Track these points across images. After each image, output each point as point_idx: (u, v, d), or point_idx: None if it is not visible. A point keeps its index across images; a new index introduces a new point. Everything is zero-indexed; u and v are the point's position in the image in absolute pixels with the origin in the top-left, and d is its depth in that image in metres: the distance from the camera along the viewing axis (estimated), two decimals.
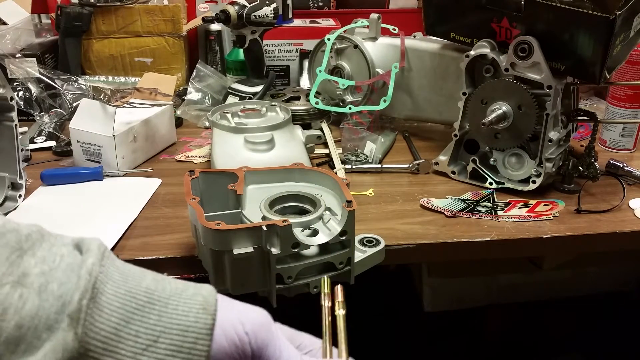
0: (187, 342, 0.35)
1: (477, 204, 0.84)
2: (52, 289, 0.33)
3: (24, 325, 0.32)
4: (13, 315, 0.32)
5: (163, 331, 0.35)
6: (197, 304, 0.36)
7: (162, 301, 0.36)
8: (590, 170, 0.86)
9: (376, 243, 0.69)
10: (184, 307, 0.36)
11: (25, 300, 0.33)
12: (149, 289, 0.36)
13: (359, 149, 0.99)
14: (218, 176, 0.71)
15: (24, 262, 0.34)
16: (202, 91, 1.20)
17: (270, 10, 1.11)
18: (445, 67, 1.01)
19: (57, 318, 0.33)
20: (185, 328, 0.35)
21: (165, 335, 0.35)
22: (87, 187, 0.89)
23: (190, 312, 0.36)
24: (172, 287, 0.37)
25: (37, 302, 0.33)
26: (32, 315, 0.32)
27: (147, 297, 0.36)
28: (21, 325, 0.32)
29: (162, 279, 0.38)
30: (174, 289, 0.37)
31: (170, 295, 0.37)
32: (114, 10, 1.24)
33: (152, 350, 0.35)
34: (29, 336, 0.32)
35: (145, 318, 0.35)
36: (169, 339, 0.35)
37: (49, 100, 1.15)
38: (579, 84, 0.89)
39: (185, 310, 0.36)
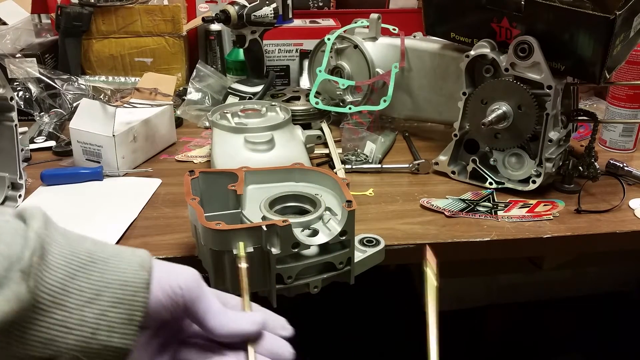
0: (127, 294, 0.39)
1: (477, 204, 0.84)
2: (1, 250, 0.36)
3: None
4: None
5: (105, 286, 0.39)
6: (135, 263, 0.40)
7: (103, 260, 0.40)
8: (590, 170, 0.86)
9: (376, 243, 0.69)
10: (123, 265, 0.40)
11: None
12: (89, 249, 0.40)
13: (359, 149, 0.99)
14: (218, 176, 0.71)
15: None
16: (202, 91, 1.20)
17: (270, 10, 1.11)
18: (445, 67, 1.01)
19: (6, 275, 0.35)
20: (124, 282, 0.39)
21: (107, 289, 0.39)
22: (87, 187, 0.89)
23: (128, 269, 0.40)
24: (111, 249, 0.41)
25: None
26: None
27: (89, 256, 0.40)
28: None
29: (101, 243, 0.42)
30: (113, 251, 0.41)
31: (110, 255, 0.40)
32: (114, 10, 1.24)
33: (96, 302, 0.38)
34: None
35: (88, 274, 0.39)
36: (110, 292, 0.39)
37: (49, 100, 1.15)
38: (579, 84, 0.89)
39: (124, 267, 0.40)
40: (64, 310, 0.37)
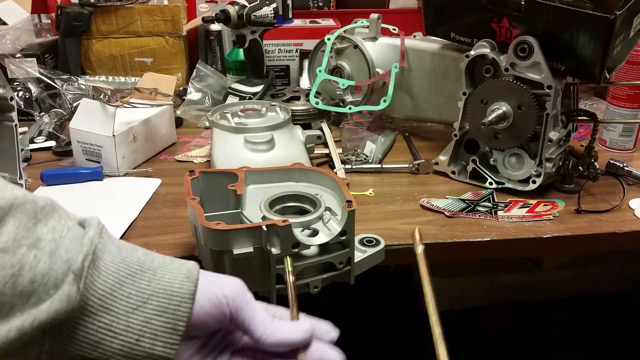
0: (172, 304, 0.41)
1: (477, 204, 0.84)
2: (60, 254, 0.39)
3: (36, 282, 0.37)
4: (28, 272, 0.37)
5: (152, 294, 0.40)
6: (182, 274, 0.42)
7: (151, 270, 0.41)
8: (590, 170, 0.86)
9: (376, 243, 0.69)
10: (170, 275, 0.42)
11: (38, 260, 0.38)
12: (140, 259, 0.42)
13: (359, 149, 0.99)
14: (218, 176, 0.71)
15: (38, 229, 0.39)
16: (202, 91, 1.20)
17: (270, 10, 1.11)
18: (445, 67, 1.01)
19: (63, 278, 0.38)
20: (170, 293, 0.41)
21: (154, 298, 0.40)
22: (87, 187, 0.89)
23: (175, 279, 0.41)
24: (160, 260, 0.43)
25: (48, 263, 0.38)
26: (43, 274, 0.37)
27: (139, 266, 0.41)
28: (34, 281, 0.37)
29: (151, 254, 0.43)
30: (162, 261, 0.43)
31: (159, 266, 0.42)
32: (114, 10, 1.24)
33: (142, 309, 0.40)
34: (39, 291, 0.37)
35: (136, 283, 0.40)
36: (156, 301, 0.40)
37: (49, 100, 1.15)
38: (579, 84, 0.89)
39: (171, 278, 0.41)
40: (112, 315, 0.39)
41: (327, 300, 0.75)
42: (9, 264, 0.37)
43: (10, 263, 0.37)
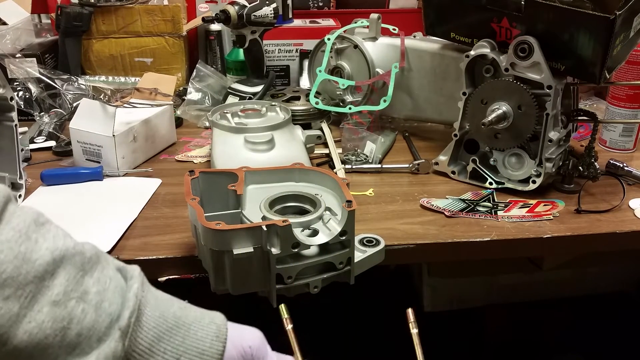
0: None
1: (477, 204, 0.84)
2: (104, 307, 0.40)
3: (82, 334, 0.39)
4: (76, 325, 0.39)
5: (185, 351, 0.43)
6: (212, 332, 0.45)
7: (186, 326, 0.44)
8: (590, 170, 0.86)
9: (376, 243, 0.69)
10: (202, 333, 0.44)
11: (86, 314, 0.39)
12: (176, 314, 0.44)
13: (359, 149, 0.99)
14: (218, 176, 0.71)
15: (85, 281, 0.41)
16: (202, 91, 1.20)
17: (270, 10, 1.11)
18: (445, 67, 1.01)
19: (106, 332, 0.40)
20: (201, 351, 0.43)
21: (186, 355, 0.43)
22: (87, 187, 0.89)
23: (206, 338, 0.44)
24: (193, 314, 0.45)
25: (94, 317, 0.40)
26: (89, 327, 0.39)
27: (175, 321, 0.44)
28: (80, 334, 0.39)
29: (185, 307, 0.46)
30: (195, 316, 0.45)
31: (192, 321, 0.45)
32: (114, 10, 1.24)
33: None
34: (84, 343, 0.39)
35: (172, 338, 0.43)
36: (189, 357, 0.43)
37: (49, 100, 1.15)
38: (579, 84, 0.89)
39: (202, 336, 0.44)
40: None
41: (327, 300, 0.75)
42: (59, 317, 0.38)
43: (61, 316, 0.38)
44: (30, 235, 0.39)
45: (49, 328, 0.37)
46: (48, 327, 0.37)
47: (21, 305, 0.37)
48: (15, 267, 0.37)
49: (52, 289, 0.38)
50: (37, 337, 0.37)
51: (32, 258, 0.38)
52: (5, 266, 0.36)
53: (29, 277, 0.37)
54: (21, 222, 0.39)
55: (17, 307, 0.36)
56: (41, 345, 0.37)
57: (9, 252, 0.37)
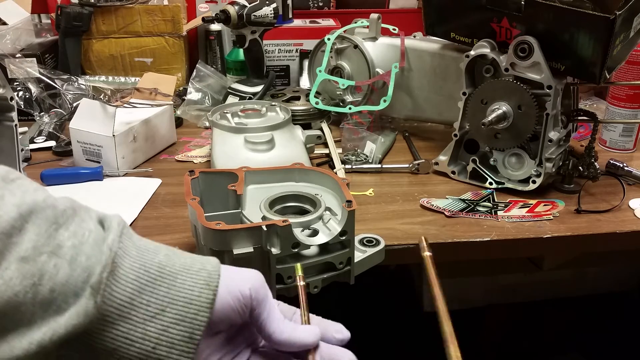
0: (190, 313, 0.40)
1: (477, 204, 0.84)
2: (80, 260, 0.38)
3: (56, 290, 0.37)
4: (48, 280, 0.37)
5: (170, 302, 0.40)
6: (202, 280, 0.41)
7: (172, 275, 0.41)
8: (590, 170, 0.86)
9: (376, 243, 0.69)
10: (190, 281, 0.41)
11: (58, 269, 0.37)
12: (160, 263, 0.41)
13: (359, 149, 0.99)
14: (218, 176, 0.71)
15: (59, 235, 0.39)
16: (202, 91, 1.20)
17: (270, 10, 1.11)
18: (445, 67, 1.01)
19: (83, 287, 0.38)
20: (189, 301, 0.40)
21: (172, 306, 0.40)
22: (87, 187, 0.89)
23: (195, 286, 0.41)
24: (181, 262, 0.42)
25: (68, 271, 0.38)
26: (63, 283, 0.37)
27: (159, 271, 0.40)
28: (54, 290, 0.37)
29: (173, 254, 0.42)
30: (183, 264, 0.42)
31: (179, 270, 0.41)
32: (114, 10, 1.24)
33: (160, 318, 0.40)
34: (59, 300, 0.37)
35: (156, 289, 0.40)
36: (175, 309, 0.40)
37: (49, 100, 1.15)
38: (579, 84, 0.89)
39: (191, 284, 0.41)
40: (129, 323, 0.39)
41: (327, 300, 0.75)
42: (29, 273, 0.36)
43: (30, 272, 0.37)
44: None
45: (17, 285, 0.36)
46: (17, 283, 0.36)
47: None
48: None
49: (20, 245, 0.37)
50: (6, 294, 0.36)
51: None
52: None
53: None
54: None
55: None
56: (12, 303, 0.36)
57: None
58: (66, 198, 0.42)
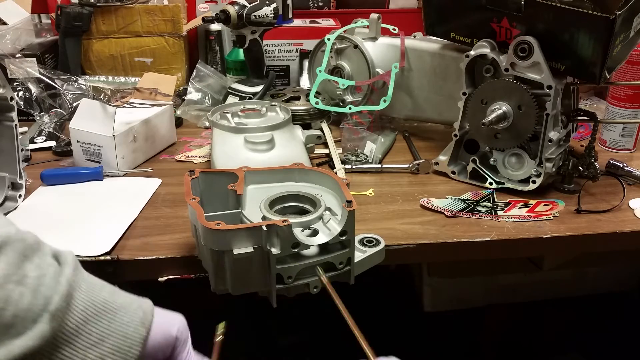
0: (125, 346, 0.45)
1: (477, 204, 0.84)
2: (41, 290, 0.42)
3: (18, 316, 0.41)
4: (12, 307, 0.41)
5: (110, 334, 0.45)
6: (138, 318, 0.47)
7: (113, 311, 0.46)
8: (590, 170, 0.86)
9: (376, 243, 0.69)
10: (127, 318, 0.46)
11: (22, 296, 0.41)
12: (105, 299, 0.46)
13: (359, 149, 0.99)
14: (218, 176, 0.71)
15: (25, 266, 0.43)
16: (202, 91, 1.20)
17: (270, 10, 1.11)
18: (445, 67, 1.01)
19: (40, 314, 0.42)
20: (125, 335, 0.46)
21: (110, 338, 0.45)
22: (87, 187, 0.89)
23: (131, 323, 0.46)
24: (122, 300, 0.47)
25: (31, 299, 0.41)
26: (25, 309, 0.41)
27: (103, 305, 0.46)
28: (16, 315, 0.41)
29: (115, 292, 0.48)
30: (123, 302, 0.47)
31: (120, 307, 0.47)
32: (114, 10, 1.24)
33: (99, 346, 0.44)
34: (19, 324, 0.41)
35: (99, 322, 0.45)
36: (112, 341, 0.45)
37: (49, 100, 1.15)
38: (579, 84, 0.89)
39: (128, 321, 0.46)
40: (72, 348, 0.43)
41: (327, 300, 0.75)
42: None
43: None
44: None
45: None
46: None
47: None
48: None
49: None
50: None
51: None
52: None
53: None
54: None
55: None
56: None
57: None
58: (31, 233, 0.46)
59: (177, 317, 0.51)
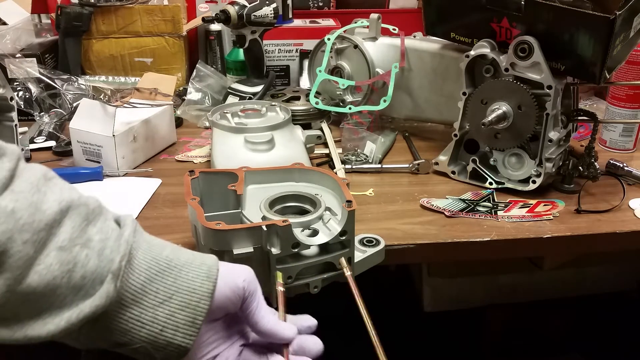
0: (193, 300, 0.46)
1: (477, 204, 0.84)
2: (106, 253, 0.44)
3: (86, 277, 0.43)
4: (80, 268, 0.43)
5: (177, 291, 0.46)
6: (203, 273, 0.47)
7: (177, 267, 0.47)
8: (590, 170, 0.86)
9: (376, 243, 0.69)
10: (193, 274, 0.47)
11: (89, 259, 0.43)
12: (168, 257, 0.47)
13: (359, 149, 0.99)
14: (218, 176, 0.71)
15: (89, 230, 0.44)
16: (202, 91, 1.20)
17: (270, 10, 1.11)
18: (445, 67, 1.01)
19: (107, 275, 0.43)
20: (192, 290, 0.46)
21: (178, 294, 0.46)
22: (87, 187, 0.89)
23: (197, 278, 0.47)
24: (185, 257, 0.48)
25: (97, 262, 0.43)
26: (92, 271, 0.43)
27: (167, 263, 0.46)
28: (85, 277, 0.43)
29: (178, 250, 0.48)
30: (186, 259, 0.48)
31: (184, 263, 0.47)
32: (114, 10, 1.24)
33: (167, 304, 0.45)
34: (88, 286, 0.43)
35: (164, 279, 0.46)
36: (180, 297, 0.46)
37: (49, 100, 1.15)
38: (579, 84, 0.89)
39: (193, 276, 0.47)
40: (141, 307, 0.45)
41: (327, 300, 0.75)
42: (65, 261, 0.42)
43: (67, 260, 0.42)
44: (40, 188, 0.43)
45: (56, 270, 0.41)
46: (55, 269, 0.41)
47: (35, 250, 0.41)
48: (30, 215, 0.41)
49: (59, 236, 0.42)
50: (46, 277, 0.41)
51: (43, 208, 0.42)
52: (21, 213, 0.40)
53: (41, 224, 0.41)
54: (32, 176, 0.43)
55: (33, 250, 0.41)
56: (50, 286, 0.41)
57: (24, 201, 0.41)
58: (94, 198, 0.47)
59: (244, 269, 0.50)
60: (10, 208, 0.40)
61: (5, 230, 0.39)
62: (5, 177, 0.41)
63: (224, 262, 0.50)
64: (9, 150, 0.43)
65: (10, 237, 0.40)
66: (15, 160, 0.43)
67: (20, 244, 0.40)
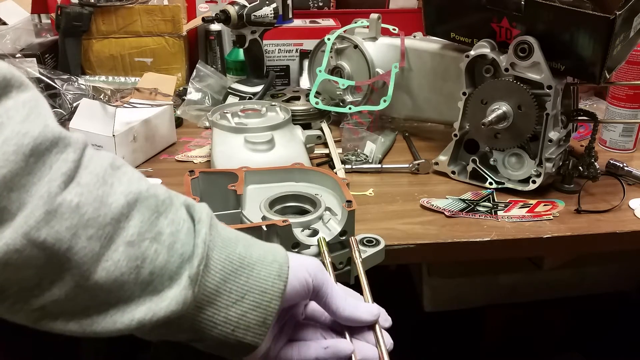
0: (265, 300, 0.45)
1: (477, 204, 0.84)
2: (177, 248, 0.43)
3: (155, 273, 0.41)
4: (149, 264, 0.41)
5: (249, 290, 0.45)
6: (274, 271, 0.46)
7: (250, 266, 0.45)
8: (590, 170, 0.86)
9: (376, 243, 0.69)
10: (264, 272, 0.46)
11: (158, 254, 0.42)
12: (241, 254, 0.45)
13: (359, 149, 0.99)
14: (218, 176, 0.71)
15: (159, 222, 0.43)
16: (202, 91, 1.20)
17: (270, 10, 1.11)
18: (445, 67, 1.01)
19: (177, 271, 0.42)
20: (264, 290, 0.45)
21: (250, 294, 0.45)
22: None
23: (269, 277, 0.46)
24: (257, 253, 0.47)
25: (166, 257, 0.42)
26: (161, 267, 0.42)
27: (240, 262, 0.45)
28: (153, 272, 0.41)
29: (249, 245, 0.47)
30: (258, 256, 0.46)
31: (256, 261, 0.46)
32: (114, 10, 1.24)
33: (240, 304, 0.44)
34: (156, 282, 0.42)
35: (237, 279, 0.45)
36: (252, 296, 0.45)
37: (49, 100, 1.15)
38: (579, 84, 0.89)
39: (265, 275, 0.46)
40: (214, 308, 0.44)
41: None
42: (134, 256, 0.41)
43: (135, 255, 0.41)
44: (107, 180, 0.41)
45: (124, 266, 0.40)
46: (123, 265, 0.40)
47: (101, 245, 0.40)
48: (95, 209, 0.39)
49: (127, 230, 0.41)
50: (114, 274, 0.40)
51: (109, 201, 0.40)
52: (86, 208, 0.39)
53: (107, 219, 0.40)
54: (98, 167, 0.41)
55: (98, 246, 0.39)
56: (118, 282, 0.40)
57: (89, 195, 0.40)
58: (163, 187, 0.46)
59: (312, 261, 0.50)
60: (75, 202, 0.39)
61: (70, 226, 0.38)
62: (70, 169, 0.39)
63: (293, 255, 0.49)
64: (73, 140, 0.41)
65: (75, 233, 0.38)
66: (80, 150, 0.41)
67: (84, 240, 0.39)
